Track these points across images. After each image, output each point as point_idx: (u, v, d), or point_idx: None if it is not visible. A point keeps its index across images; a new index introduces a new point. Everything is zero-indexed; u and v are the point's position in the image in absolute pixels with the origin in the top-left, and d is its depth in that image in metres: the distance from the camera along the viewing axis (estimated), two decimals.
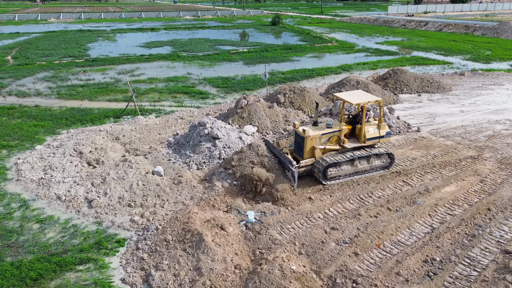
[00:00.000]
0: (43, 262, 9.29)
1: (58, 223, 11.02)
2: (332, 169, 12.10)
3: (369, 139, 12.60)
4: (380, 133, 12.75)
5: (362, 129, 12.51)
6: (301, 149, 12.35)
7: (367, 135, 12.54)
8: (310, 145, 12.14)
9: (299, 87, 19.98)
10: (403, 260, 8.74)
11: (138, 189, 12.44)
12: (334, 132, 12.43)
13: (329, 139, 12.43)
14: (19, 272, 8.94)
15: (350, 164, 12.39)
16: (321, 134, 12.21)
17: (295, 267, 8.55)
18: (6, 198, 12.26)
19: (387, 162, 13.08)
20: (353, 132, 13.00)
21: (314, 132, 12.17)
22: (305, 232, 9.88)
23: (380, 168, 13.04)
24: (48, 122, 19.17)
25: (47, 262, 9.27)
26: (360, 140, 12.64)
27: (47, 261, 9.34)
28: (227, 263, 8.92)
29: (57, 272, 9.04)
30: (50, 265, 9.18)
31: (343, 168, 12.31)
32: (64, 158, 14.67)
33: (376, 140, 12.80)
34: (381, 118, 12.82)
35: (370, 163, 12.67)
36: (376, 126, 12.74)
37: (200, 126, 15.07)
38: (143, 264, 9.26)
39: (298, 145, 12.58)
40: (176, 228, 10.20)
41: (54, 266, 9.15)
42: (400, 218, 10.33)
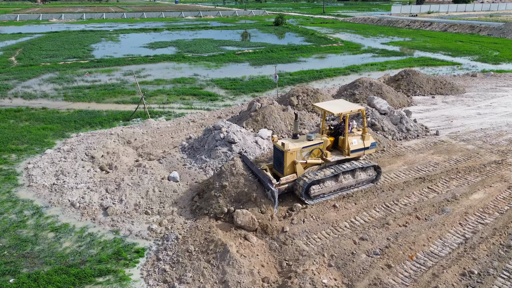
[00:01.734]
0: (61, 274, 8.90)
1: (74, 231, 10.64)
2: (316, 186, 11.18)
3: (353, 151, 11.79)
4: (364, 145, 11.94)
5: (346, 140, 11.70)
6: (281, 164, 11.36)
7: (351, 147, 11.73)
8: (291, 160, 11.14)
9: (312, 89, 19.60)
10: (440, 273, 8.35)
11: (155, 195, 12.05)
12: (315, 145, 11.50)
13: (311, 152, 11.47)
14: (37, 285, 8.56)
15: (334, 180, 11.50)
16: (302, 148, 11.26)
17: (327, 281, 8.17)
18: (19, 205, 11.87)
19: (374, 176, 12.21)
20: (336, 144, 12.16)
21: (294, 145, 11.20)
22: (333, 243, 9.49)
23: (366, 182, 12.17)
24: (56, 125, 18.78)
25: (65, 274, 8.89)
26: (344, 152, 11.82)
27: (65, 273, 8.96)
28: (254, 276, 8.53)
29: (76, 285, 8.65)
30: (68, 277, 8.80)
31: (327, 185, 11.41)
32: (76, 163, 14.28)
33: (361, 152, 11.97)
34: (365, 129, 12.07)
35: (355, 177, 11.77)
36: (360, 137, 11.93)
37: (215, 130, 14.69)
38: (165, 276, 8.87)
39: (277, 160, 11.56)
40: (198, 238, 9.82)
41: (73, 279, 8.77)
42: (430, 228, 9.94)
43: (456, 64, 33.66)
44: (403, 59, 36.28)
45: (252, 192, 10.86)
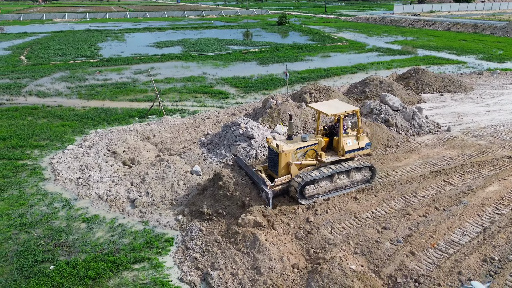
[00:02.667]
0: (98, 261, 9.31)
1: (105, 222, 11.04)
2: (310, 186, 11.26)
3: (348, 152, 11.80)
4: (359, 145, 11.97)
5: (340, 141, 11.69)
6: (275, 165, 11.35)
7: (346, 147, 11.73)
8: (285, 161, 11.14)
9: (324, 86, 20.00)
10: (462, 259, 8.75)
11: (179, 188, 12.46)
12: (310, 146, 11.49)
13: (305, 153, 11.47)
14: (76, 271, 8.96)
15: (329, 180, 11.55)
16: (296, 149, 11.26)
17: (354, 266, 8.57)
18: (48, 198, 12.28)
19: (369, 176, 12.29)
20: (330, 145, 12.18)
21: (289, 146, 11.20)
22: (357, 232, 9.89)
23: (361, 182, 12.24)
24: (74, 122, 19.18)
25: (103, 262, 9.29)
26: (339, 153, 11.81)
27: (102, 260, 9.36)
28: (284, 262, 8.94)
29: (114, 271, 9.05)
30: (106, 264, 9.20)
31: (322, 185, 11.47)
32: (99, 158, 14.68)
33: (355, 153, 12.00)
34: (360, 129, 12.08)
35: (350, 177, 11.82)
36: (355, 138, 11.96)
37: (234, 126, 15.09)
38: (197, 263, 9.27)
39: (272, 162, 11.57)
40: (222, 229, 10.19)
41: (110, 265, 9.17)
42: (449, 218, 10.34)
43: (461, 63, 34.04)
44: (409, 58, 36.67)
45: (244, 197, 10.92)
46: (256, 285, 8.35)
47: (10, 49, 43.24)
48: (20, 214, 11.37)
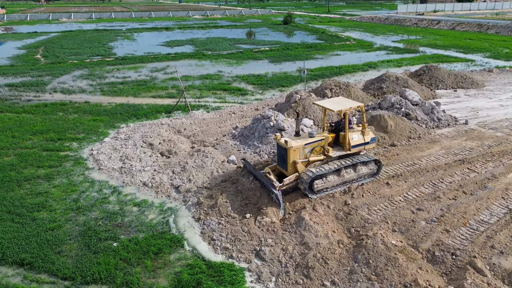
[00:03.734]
0: (157, 239, 10.13)
1: (154, 206, 11.86)
2: (319, 181, 11.58)
3: (354, 146, 12.09)
4: (365, 140, 12.27)
5: (346, 136, 11.98)
6: (284, 161, 11.71)
7: (352, 142, 12.01)
8: (294, 157, 11.52)
9: (343, 82, 20.83)
10: (493, 236, 9.58)
11: (219, 175, 13.28)
12: (317, 142, 11.83)
13: (313, 149, 11.81)
14: (139, 247, 9.78)
15: (337, 174, 11.91)
16: (304, 144, 11.59)
17: (395, 242, 9.39)
18: (96, 185, 13.09)
19: (375, 169, 12.67)
20: (337, 140, 12.47)
21: (297, 142, 11.50)
22: (393, 213, 10.72)
23: (368, 176, 12.63)
24: (105, 117, 19.99)
25: (161, 239, 10.11)
26: (345, 148, 12.10)
27: (160, 238, 10.18)
28: (329, 238, 9.77)
29: (173, 247, 9.88)
30: (165, 241, 10.02)
31: (330, 179, 11.81)
32: (137, 149, 15.50)
33: (361, 147, 12.29)
34: (365, 124, 12.37)
35: (357, 171, 12.22)
36: (360, 133, 12.24)
37: (264, 119, 15.90)
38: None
39: (281, 157, 11.93)
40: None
41: (169, 242, 10.00)
42: (477, 201, 11.17)
43: (469, 61, 34.87)
44: (418, 56, 37.50)
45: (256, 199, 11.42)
46: (306, 257, 9.17)
47: (24, 48, 44.07)
48: (74, 199, 12.19)
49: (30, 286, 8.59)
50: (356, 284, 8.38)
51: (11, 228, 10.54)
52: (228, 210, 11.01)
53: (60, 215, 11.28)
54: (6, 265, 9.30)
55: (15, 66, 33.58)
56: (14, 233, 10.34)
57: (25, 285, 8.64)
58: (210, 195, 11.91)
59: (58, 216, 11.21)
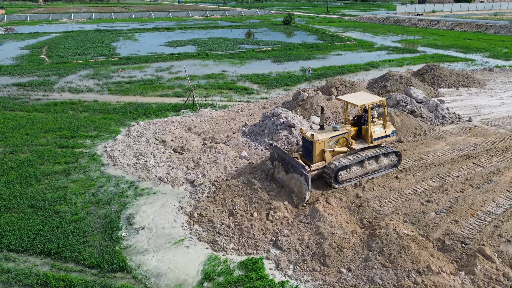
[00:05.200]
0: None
1: (170, 199, 12.23)
2: (343, 172, 12.17)
3: (376, 139, 12.68)
4: (386, 132, 12.87)
5: (369, 129, 12.58)
6: (310, 153, 12.24)
7: (374, 135, 12.60)
8: (319, 149, 12.03)
9: (349, 81, 21.28)
10: (500, 225, 10.02)
11: (232, 170, 13.68)
12: (341, 135, 12.40)
13: (337, 141, 12.38)
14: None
15: (360, 165, 12.50)
16: (329, 138, 12.13)
17: (406, 231, 9.82)
18: (113, 180, 13.47)
19: (395, 161, 13.24)
20: (359, 133, 13.04)
21: (322, 136, 12.06)
22: (404, 205, 11.16)
23: (389, 167, 13.17)
24: (115, 115, 20.36)
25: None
26: (367, 140, 12.67)
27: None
28: (343, 229, 10.18)
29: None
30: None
31: (354, 170, 12.38)
32: (150, 146, 15.88)
33: (382, 140, 12.88)
34: (386, 118, 12.96)
35: (379, 163, 12.79)
36: (382, 126, 12.86)
37: (273, 116, 16.32)
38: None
39: (307, 150, 12.45)
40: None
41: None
42: (483, 193, 11.62)
43: (469, 60, 35.39)
44: (418, 56, 38.01)
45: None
46: (322, 246, 9.58)
47: (27, 49, 44.33)
48: (92, 193, 12.56)
49: (60, 274, 8.95)
50: (372, 271, 8.79)
51: (35, 221, 10.91)
52: (237, 207, 11.27)
53: (81, 208, 11.65)
54: (34, 255, 9.67)
55: (20, 66, 33.87)
56: (39, 225, 10.71)
57: (54, 273, 9.00)
58: (221, 191, 12.23)
59: (79, 209, 11.58)
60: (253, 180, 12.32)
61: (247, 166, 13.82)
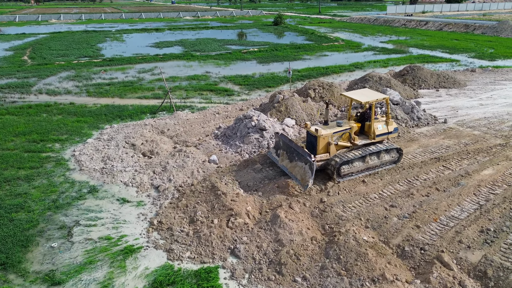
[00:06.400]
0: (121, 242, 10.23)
1: (134, 205, 11.94)
2: (346, 166, 12.45)
3: (378, 135, 13.05)
4: (388, 129, 13.20)
5: (372, 126, 12.93)
6: (314, 148, 12.58)
7: (377, 131, 12.97)
8: (323, 144, 12.41)
9: (327, 82, 21.07)
10: (462, 231, 9.84)
11: (199, 175, 13.41)
12: (345, 130, 12.76)
13: (340, 137, 12.79)
14: (114, 243, 9.87)
15: (362, 161, 12.76)
16: (333, 133, 12.51)
17: (366, 238, 9.61)
18: (76, 185, 13.14)
19: (396, 157, 13.51)
20: (362, 129, 13.41)
21: (326, 131, 12.45)
22: (367, 210, 10.94)
23: (389, 163, 13.44)
24: (89, 118, 20.00)
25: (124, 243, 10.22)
26: (370, 136, 13.05)
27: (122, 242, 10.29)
28: (303, 235, 9.95)
29: (136, 252, 9.98)
30: (129, 246, 10.13)
31: (356, 165, 12.65)
32: (119, 150, 15.56)
33: (384, 136, 13.25)
34: (388, 115, 13.28)
35: (380, 158, 13.07)
36: (384, 123, 13.20)
37: (246, 119, 16.07)
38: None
39: (310, 144, 12.77)
40: None
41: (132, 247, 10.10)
42: (449, 197, 11.44)
43: (454, 61, 35.40)
44: (404, 57, 37.96)
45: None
46: (279, 254, 9.34)
47: (11, 50, 43.74)
48: (53, 199, 12.23)
49: (3, 287, 8.63)
50: (326, 279, 8.57)
51: None
52: (198, 214, 11.01)
53: (38, 215, 11.32)
54: None
55: (1, 68, 33.35)
56: None
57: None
58: (185, 197, 11.98)
59: (36, 217, 11.25)
60: (218, 185, 12.06)
61: (214, 171, 13.54)
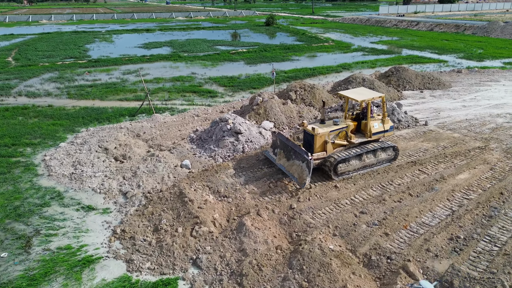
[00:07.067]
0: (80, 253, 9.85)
1: (99, 213, 11.56)
2: (342, 164, 12.54)
3: (374, 134, 13.18)
4: (384, 128, 13.35)
5: (368, 124, 13.05)
6: (311, 146, 12.71)
7: (373, 130, 13.10)
8: (320, 142, 12.56)
9: (309, 84, 20.77)
10: (431, 238, 9.55)
11: (170, 181, 13.05)
12: (341, 129, 12.86)
13: (337, 135, 12.87)
14: (73, 254, 9.50)
15: (358, 159, 12.86)
16: (330, 131, 12.62)
17: (332, 246, 9.29)
18: (42, 192, 12.73)
19: (392, 155, 13.61)
20: (358, 128, 13.51)
21: (323, 129, 12.58)
22: (336, 216, 10.63)
23: (386, 161, 13.54)
24: (65, 121, 19.58)
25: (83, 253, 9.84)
26: (366, 135, 13.17)
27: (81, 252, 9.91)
28: (268, 244, 9.61)
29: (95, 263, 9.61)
30: (87, 256, 9.75)
31: (352, 163, 12.74)
32: (91, 154, 15.17)
33: (381, 135, 13.38)
34: (385, 113, 13.40)
35: (376, 157, 13.17)
36: (381, 121, 13.33)
37: (222, 122, 15.72)
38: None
39: (307, 143, 12.92)
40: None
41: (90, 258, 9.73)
42: (421, 203, 11.16)
43: (442, 62, 35.25)
44: (392, 57, 37.77)
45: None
46: (242, 264, 9.01)
47: None
48: (15, 207, 11.81)
49: None
50: None
51: None
52: (163, 222, 10.66)
53: None
54: None
55: None
56: None
57: None
58: (152, 204, 11.62)
59: None
60: (185, 191, 11.70)
61: (185, 177, 13.17)
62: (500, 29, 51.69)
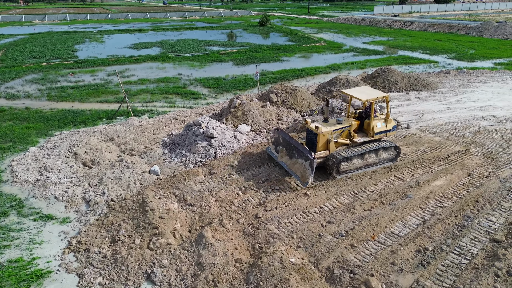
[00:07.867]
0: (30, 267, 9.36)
1: (58, 222, 11.07)
2: (345, 163, 12.49)
3: (377, 133, 13.12)
4: (387, 127, 13.29)
5: (371, 124, 12.99)
6: (313, 145, 12.65)
7: (376, 129, 13.05)
8: (323, 141, 12.50)
9: (290, 86, 20.30)
10: (397, 250, 9.09)
11: (136, 188, 12.56)
12: (344, 128, 12.85)
13: (340, 134, 12.85)
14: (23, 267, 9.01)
15: (360, 158, 12.82)
16: (333, 130, 12.59)
17: (294, 260, 8.82)
18: (1, 199, 12.23)
19: (394, 155, 13.55)
20: (361, 127, 13.47)
21: (326, 128, 12.53)
22: (303, 226, 10.16)
23: (387, 160, 13.50)
24: (40, 124, 19.07)
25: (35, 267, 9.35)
26: (369, 134, 13.12)
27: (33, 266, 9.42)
28: (228, 258, 9.14)
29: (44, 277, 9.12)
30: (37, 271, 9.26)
31: (354, 162, 12.69)
32: (59, 159, 14.67)
33: (383, 134, 13.33)
34: (388, 113, 13.32)
35: (378, 156, 13.14)
36: (383, 121, 13.26)
37: (195, 126, 15.25)
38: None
39: (310, 142, 12.85)
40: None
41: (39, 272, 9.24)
42: (393, 211, 10.70)
43: (432, 62, 34.82)
44: (383, 58, 37.33)
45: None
46: (197, 280, 8.53)
47: None
48: None
49: None
50: None
51: None
52: (121, 232, 10.17)
53: None
54: None
55: None
56: None
57: None
58: (113, 213, 11.13)
59: None
60: (147, 200, 11.21)
61: (152, 184, 12.68)
62: (493, 29, 51.31)
